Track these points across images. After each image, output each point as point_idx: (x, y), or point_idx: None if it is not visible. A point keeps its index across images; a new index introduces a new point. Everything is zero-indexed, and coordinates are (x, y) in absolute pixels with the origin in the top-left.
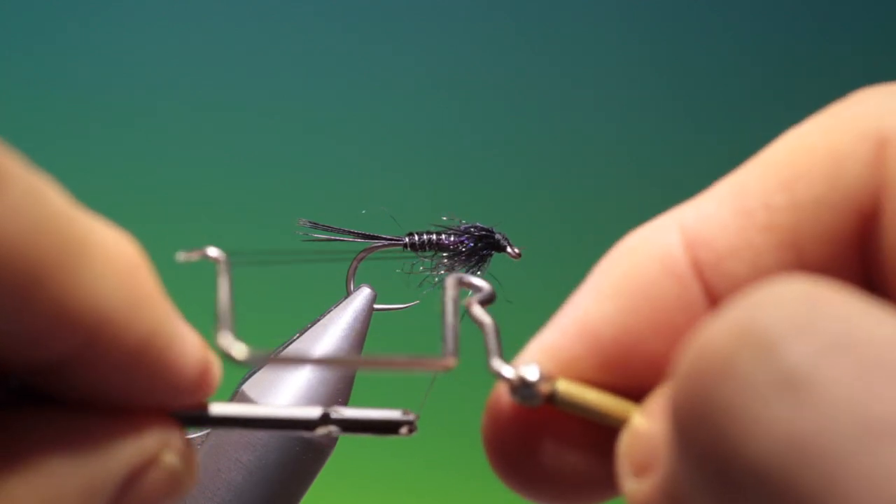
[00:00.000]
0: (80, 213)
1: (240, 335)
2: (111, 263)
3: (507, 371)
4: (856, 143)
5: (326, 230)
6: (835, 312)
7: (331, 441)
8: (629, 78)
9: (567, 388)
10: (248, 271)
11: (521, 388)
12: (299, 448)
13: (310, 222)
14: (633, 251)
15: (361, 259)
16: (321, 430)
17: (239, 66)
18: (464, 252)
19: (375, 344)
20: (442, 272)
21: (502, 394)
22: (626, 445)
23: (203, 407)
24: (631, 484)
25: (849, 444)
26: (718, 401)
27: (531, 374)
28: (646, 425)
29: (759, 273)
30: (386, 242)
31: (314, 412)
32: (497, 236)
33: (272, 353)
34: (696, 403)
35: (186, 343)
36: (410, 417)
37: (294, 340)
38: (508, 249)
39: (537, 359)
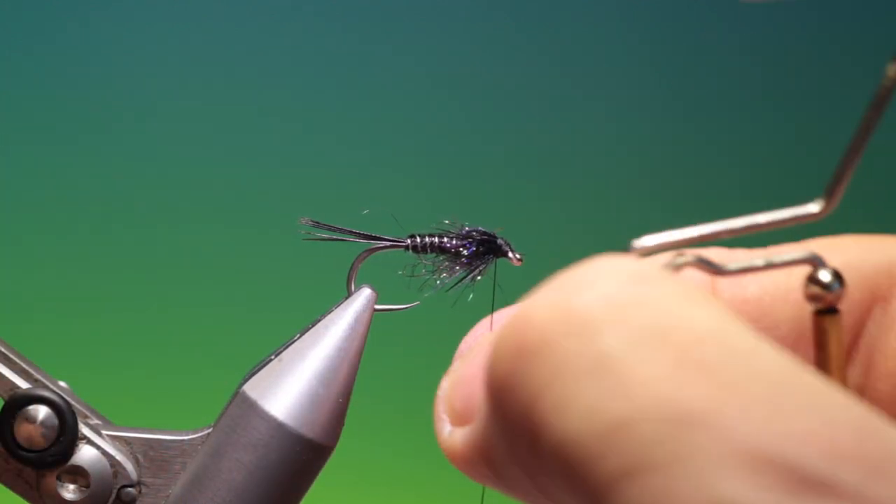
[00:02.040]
0: None
1: (240, 335)
2: None
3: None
4: None
5: (328, 230)
6: (655, 299)
7: (331, 441)
8: (632, 81)
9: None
10: (246, 273)
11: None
12: (299, 448)
13: (311, 221)
14: None
15: (363, 259)
16: None
17: (240, 65)
18: (465, 256)
19: (376, 344)
20: (443, 275)
21: None
22: (448, 388)
23: None
24: (446, 430)
25: (654, 434)
26: (532, 376)
27: (825, 273)
28: (468, 374)
29: None
30: (388, 243)
31: None
32: (499, 241)
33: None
34: (511, 375)
35: None
36: None
37: (295, 340)
38: (510, 255)
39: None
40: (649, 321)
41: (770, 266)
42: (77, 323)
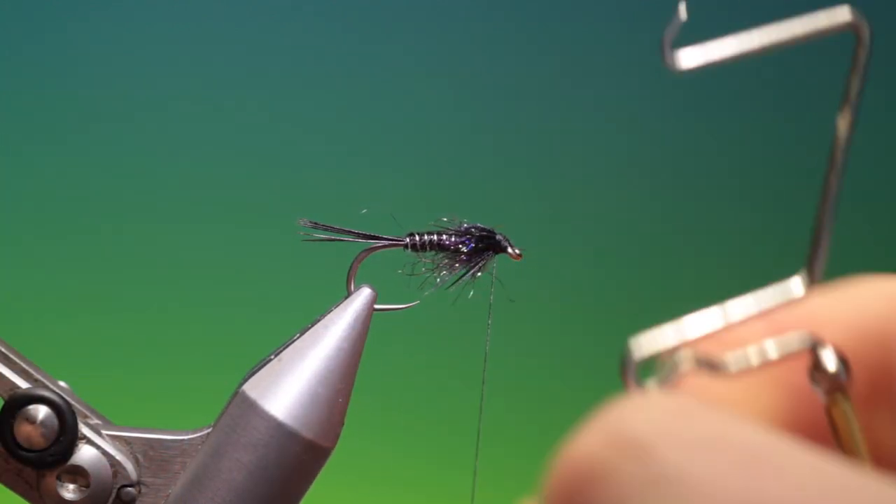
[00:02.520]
0: None
1: (240, 335)
2: None
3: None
4: None
5: (327, 230)
6: (703, 417)
7: (331, 441)
8: (630, 77)
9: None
10: (245, 273)
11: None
12: (299, 448)
13: (310, 222)
14: None
15: (362, 259)
16: None
17: (239, 65)
18: (464, 253)
19: (376, 344)
20: (443, 273)
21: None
22: None
23: None
24: None
25: None
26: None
27: (830, 361)
28: None
29: None
30: (387, 243)
31: None
32: (498, 237)
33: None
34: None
35: None
36: None
37: (294, 340)
38: (509, 250)
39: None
40: (703, 433)
41: (769, 362)
42: (77, 323)
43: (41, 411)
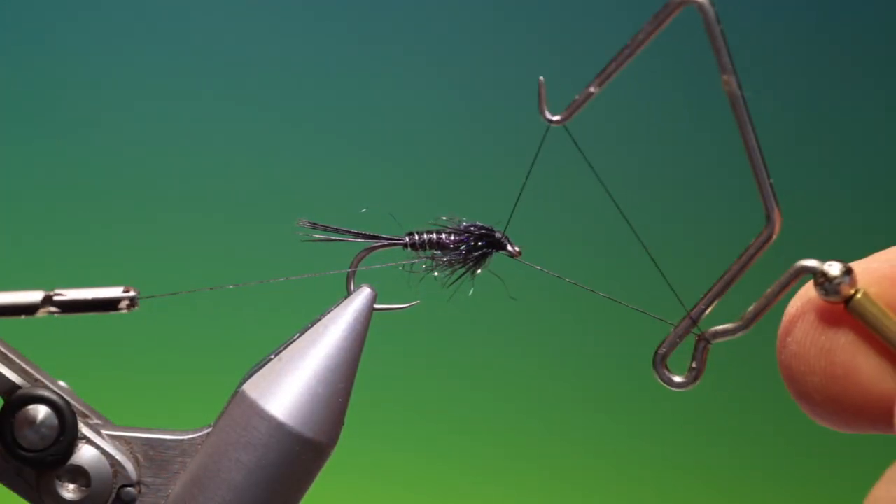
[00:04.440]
0: None
1: (240, 335)
2: None
3: (813, 263)
4: None
5: (326, 230)
6: None
7: (331, 441)
8: (630, 76)
9: (865, 299)
10: (245, 273)
11: (824, 281)
12: (299, 448)
13: (309, 222)
14: None
15: (361, 259)
16: (41, 313)
17: (239, 64)
18: (464, 251)
19: (376, 344)
20: (443, 271)
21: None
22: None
23: None
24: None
25: None
26: None
27: (834, 269)
28: None
29: None
30: (386, 242)
31: (35, 296)
32: (497, 235)
33: None
34: None
35: None
36: (130, 294)
37: (294, 340)
38: (509, 248)
39: (857, 271)
40: None
41: (772, 298)
42: (77, 323)
43: (41, 411)
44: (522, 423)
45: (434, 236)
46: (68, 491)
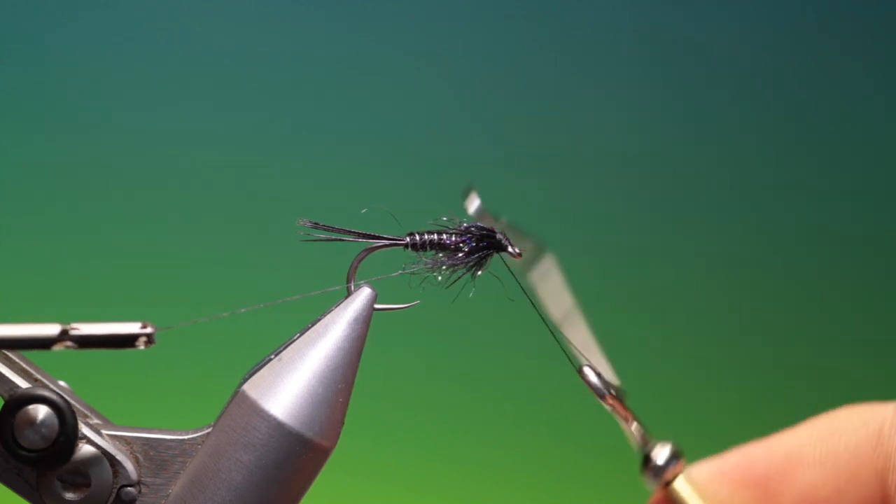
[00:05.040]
0: None
1: (240, 334)
2: None
3: (650, 445)
4: None
5: (327, 230)
6: None
7: (331, 441)
8: (632, 77)
9: (682, 486)
10: (245, 273)
11: (648, 464)
12: (299, 448)
13: (310, 222)
14: (841, 431)
15: (362, 259)
16: (58, 347)
17: (239, 64)
18: (465, 252)
19: (376, 344)
20: (443, 272)
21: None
22: None
23: None
24: None
25: None
26: None
27: (661, 456)
28: None
29: None
30: (387, 242)
31: (52, 329)
32: (498, 236)
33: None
34: None
35: None
36: (148, 330)
37: (295, 340)
38: (509, 249)
39: (702, 468)
40: None
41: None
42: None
43: (41, 411)
44: (522, 423)
45: (435, 237)
46: (68, 491)
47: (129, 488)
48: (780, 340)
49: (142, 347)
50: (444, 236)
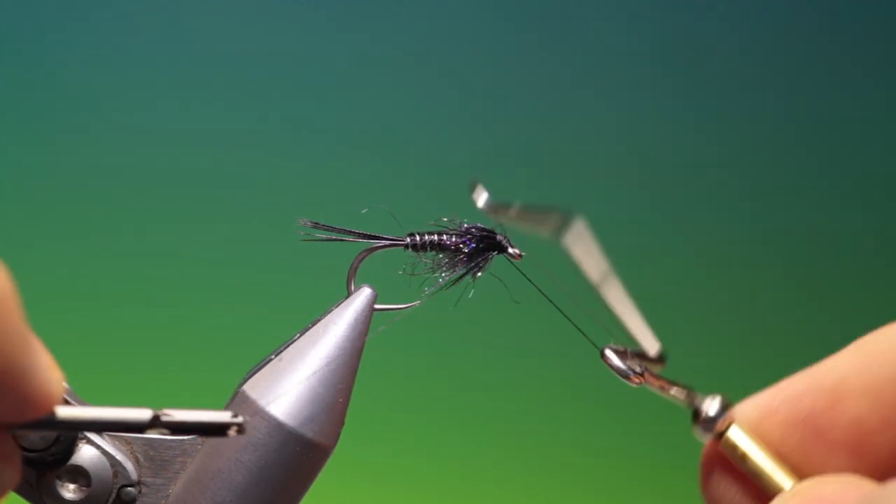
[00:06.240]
0: None
1: (240, 335)
2: None
3: (695, 398)
4: None
5: (327, 230)
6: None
7: (331, 441)
8: (632, 78)
9: (737, 434)
10: (246, 273)
11: (698, 415)
12: (299, 448)
13: (310, 222)
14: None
15: (362, 259)
16: (151, 433)
17: (240, 64)
18: (465, 253)
19: (376, 344)
20: (443, 273)
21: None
22: None
23: (44, 416)
24: None
25: None
26: None
27: (710, 407)
28: None
29: None
30: (387, 242)
31: (144, 414)
32: (499, 237)
33: (512, 208)
34: None
35: (40, 370)
36: (238, 420)
37: (295, 340)
38: (510, 250)
39: (749, 410)
40: None
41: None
42: (77, 322)
43: None
44: (522, 424)
45: (435, 237)
46: (69, 491)
47: (129, 488)
48: (788, 342)
49: (233, 435)
50: (445, 237)
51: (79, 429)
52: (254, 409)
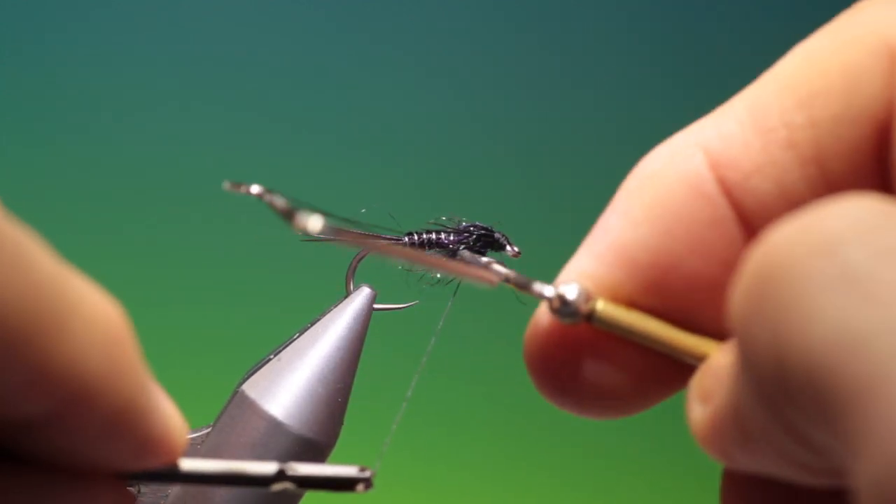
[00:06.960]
0: (68, 276)
1: (240, 334)
2: (95, 330)
3: (549, 290)
4: (869, 58)
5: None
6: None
7: (331, 440)
8: (629, 75)
9: (606, 308)
10: (245, 273)
11: (562, 306)
12: (298, 448)
13: None
14: (658, 175)
15: (361, 258)
16: (277, 487)
17: (239, 64)
18: (467, 246)
19: (375, 343)
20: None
21: (543, 314)
22: (697, 377)
23: (165, 466)
24: (695, 409)
25: None
26: (777, 294)
27: (571, 292)
28: (719, 359)
29: (785, 189)
30: (386, 242)
31: (270, 468)
32: (496, 235)
33: (341, 229)
34: (756, 298)
35: (160, 413)
36: (366, 475)
37: (294, 339)
38: (508, 248)
39: (576, 281)
40: (894, 241)
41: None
42: None
43: None
44: (522, 424)
45: (433, 236)
46: None
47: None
48: None
49: (361, 491)
50: (443, 235)
51: (202, 483)
52: (253, 409)
